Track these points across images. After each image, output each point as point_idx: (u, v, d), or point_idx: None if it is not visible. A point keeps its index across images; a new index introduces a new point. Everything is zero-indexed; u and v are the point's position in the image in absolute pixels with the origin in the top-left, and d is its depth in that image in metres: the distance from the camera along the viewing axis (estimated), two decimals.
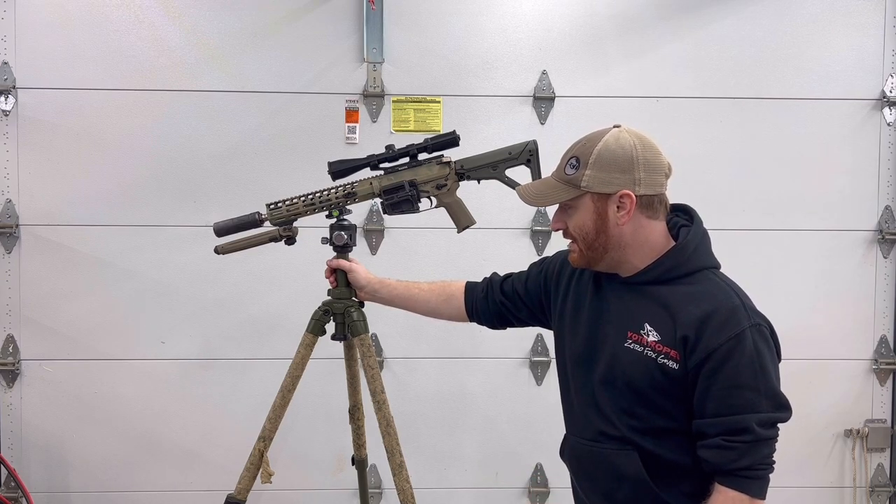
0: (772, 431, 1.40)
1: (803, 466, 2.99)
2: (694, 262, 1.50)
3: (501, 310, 1.81)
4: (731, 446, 1.38)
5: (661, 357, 1.44)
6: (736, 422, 1.38)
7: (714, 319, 1.40)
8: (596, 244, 1.48)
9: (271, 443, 1.96)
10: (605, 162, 1.45)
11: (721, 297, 1.44)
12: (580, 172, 1.46)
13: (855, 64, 2.92)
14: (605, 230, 1.47)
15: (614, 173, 1.45)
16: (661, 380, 1.44)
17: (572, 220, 1.51)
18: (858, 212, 2.95)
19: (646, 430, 1.48)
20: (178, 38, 2.82)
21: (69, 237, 2.83)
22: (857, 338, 2.98)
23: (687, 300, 1.44)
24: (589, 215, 1.48)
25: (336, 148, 2.83)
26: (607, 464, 1.53)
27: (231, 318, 2.87)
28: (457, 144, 1.93)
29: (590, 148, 1.47)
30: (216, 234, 1.96)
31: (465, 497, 2.96)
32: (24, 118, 2.80)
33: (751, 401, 1.38)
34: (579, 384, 1.59)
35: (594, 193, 1.46)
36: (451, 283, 1.93)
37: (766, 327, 1.44)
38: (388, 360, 2.91)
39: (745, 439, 1.37)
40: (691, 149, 2.90)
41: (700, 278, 1.48)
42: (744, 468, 1.38)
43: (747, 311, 1.43)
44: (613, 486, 1.53)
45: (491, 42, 2.88)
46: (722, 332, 1.39)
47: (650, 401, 1.47)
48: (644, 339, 1.47)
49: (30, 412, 2.87)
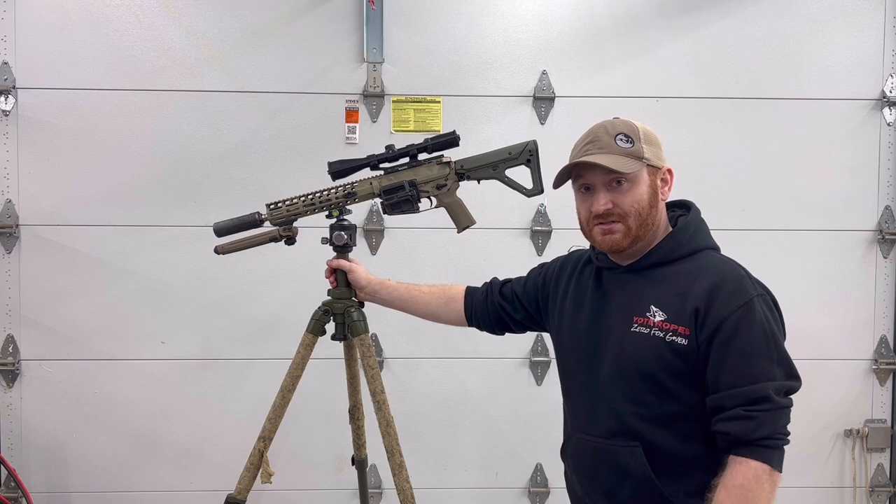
0: (787, 400, 1.40)
1: (803, 466, 2.99)
2: (695, 242, 1.53)
3: (499, 312, 1.81)
4: (752, 415, 1.36)
5: (669, 335, 1.44)
6: (754, 391, 1.37)
7: (723, 289, 1.41)
8: (648, 219, 1.50)
9: (271, 443, 1.96)
10: (651, 138, 1.51)
11: (725, 268, 1.46)
12: (638, 145, 1.48)
13: (855, 64, 2.92)
14: (655, 204, 1.51)
15: (658, 149, 1.52)
16: (671, 358, 1.44)
17: (628, 196, 1.48)
18: (858, 212, 2.95)
19: (654, 419, 1.46)
20: (178, 38, 2.82)
21: (69, 237, 2.83)
22: (857, 338, 2.98)
23: (694, 275, 1.46)
24: (646, 188, 1.49)
25: (336, 148, 2.83)
26: (611, 461, 1.51)
27: (231, 318, 2.87)
28: (457, 144, 1.93)
29: (630, 126, 1.51)
30: (216, 234, 1.96)
31: (465, 497, 2.96)
32: (24, 118, 2.80)
33: (766, 369, 1.38)
34: (583, 380, 1.57)
35: (650, 167, 1.50)
36: (451, 286, 1.93)
37: (770, 298, 1.46)
38: (388, 360, 2.91)
39: (764, 408, 1.36)
40: (691, 149, 2.90)
41: (702, 256, 1.51)
42: (765, 437, 1.36)
43: (752, 281, 1.45)
44: (616, 484, 1.51)
45: (491, 42, 2.88)
46: (731, 301, 1.40)
47: (659, 384, 1.45)
48: (650, 320, 1.46)
49: (30, 412, 2.87)
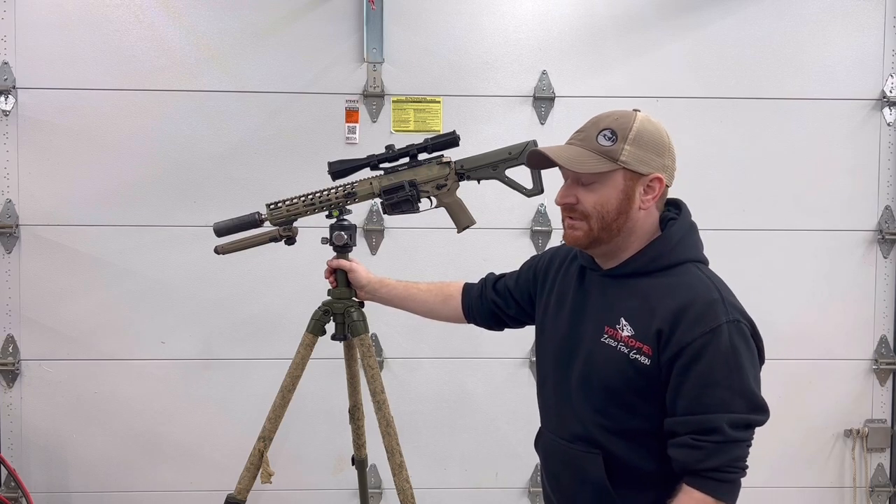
0: (744, 433, 1.34)
1: (803, 466, 3.00)
2: (676, 254, 1.43)
3: (494, 308, 1.80)
4: (700, 446, 1.32)
5: (633, 353, 1.38)
6: (707, 420, 1.31)
7: (690, 312, 1.33)
8: (613, 225, 1.41)
9: (271, 443, 1.96)
10: (644, 140, 1.39)
11: (700, 289, 1.37)
12: (619, 146, 1.38)
13: (855, 64, 2.92)
14: (627, 211, 1.40)
15: (651, 154, 1.40)
16: (634, 377, 1.38)
17: (592, 196, 1.41)
18: (858, 212, 2.95)
19: (617, 432, 1.43)
20: (178, 38, 2.82)
21: (69, 237, 2.83)
22: (857, 338, 2.98)
23: (665, 292, 1.38)
24: (616, 193, 1.39)
25: (336, 148, 2.83)
26: (574, 466, 1.49)
27: (231, 318, 2.87)
28: (457, 144, 1.93)
29: (626, 123, 1.40)
30: (216, 234, 1.96)
31: (465, 497, 2.96)
32: (24, 118, 2.80)
33: (723, 400, 1.32)
34: (556, 381, 1.54)
35: (628, 171, 1.39)
36: (449, 283, 1.92)
37: (746, 325, 1.36)
38: (388, 360, 2.91)
39: (714, 439, 1.31)
40: (691, 149, 2.90)
41: (682, 271, 1.41)
42: (711, 469, 1.32)
43: (726, 306, 1.35)
44: (577, 488, 1.50)
45: (491, 42, 2.88)
46: (696, 326, 1.32)
47: (623, 399, 1.41)
48: (619, 333, 1.41)
49: (30, 412, 2.87)
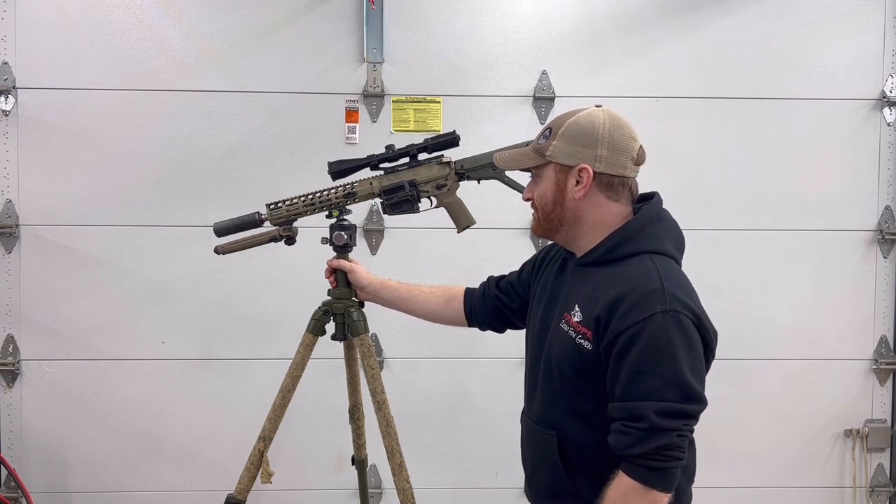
0: (673, 422, 1.34)
1: (803, 466, 3.00)
2: (634, 245, 1.46)
3: (497, 305, 1.82)
4: (628, 432, 1.35)
5: (579, 337, 1.45)
6: (635, 407, 1.34)
7: (625, 301, 1.37)
8: (552, 215, 1.51)
9: (271, 443, 1.96)
10: (571, 134, 1.47)
11: (640, 279, 1.39)
12: (548, 142, 1.49)
13: (855, 64, 2.92)
14: (561, 202, 1.49)
15: (578, 147, 1.47)
16: (578, 360, 1.45)
17: (536, 189, 1.54)
18: (858, 212, 2.95)
19: (571, 412, 1.49)
20: (178, 38, 2.82)
21: (69, 237, 2.83)
22: (857, 338, 2.98)
23: (612, 282, 1.43)
24: (550, 185, 1.50)
25: (336, 148, 2.83)
26: (534, 445, 1.57)
27: (231, 318, 2.87)
28: (457, 144, 1.93)
29: (563, 120, 1.50)
30: (216, 234, 1.96)
31: (465, 497, 2.96)
32: (24, 118, 2.80)
33: (653, 388, 1.34)
34: (531, 365, 1.63)
35: (557, 164, 1.48)
36: (451, 286, 1.93)
37: (686, 316, 1.36)
38: (388, 360, 2.91)
39: (641, 426, 1.33)
40: (691, 149, 2.91)
41: (634, 262, 1.44)
42: (638, 455, 1.34)
43: (665, 295, 1.36)
44: (537, 465, 1.57)
45: (491, 42, 2.88)
46: (630, 315, 1.36)
47: (572, 381, 1.47)
48: (571, 319, 1.48)
49: (30, 412, 2.87)
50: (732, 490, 2.97)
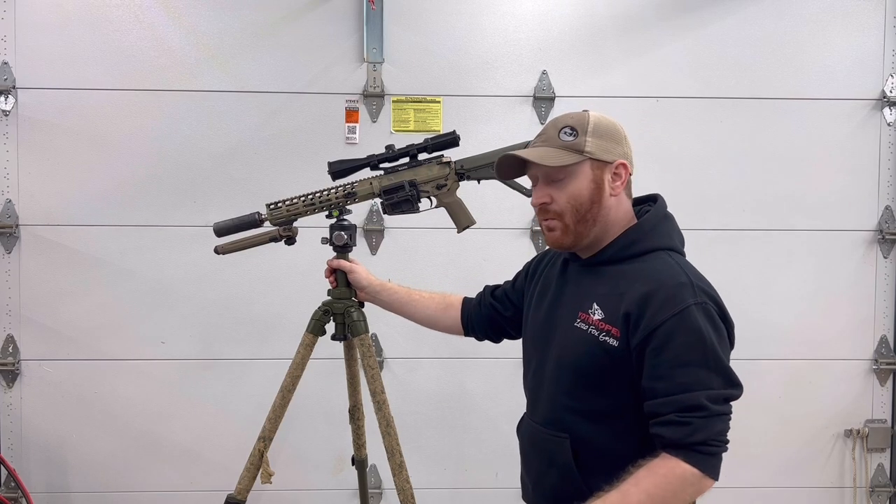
0: (725, 407, 1.38)
1: (803, 466, 3.00)
2: (650, 242, 1.48)
3: (492, 314, 1.81)
4: (687, 421, 1.35)
5: (603, 335, 1.44)
6: (688, 399, 1.35)
7: (658, 296, 1.38)
8: (588, 215, 1.46)
9: (271, 443, 1.96)
10: (602, 130, 1.47)
11: (667, 273, 1.42)
12: (581, 139, 1.45)
13: (855, 64, 2.92)
14: (599, 200, 1.46)
15: (611, 143, 1.47)
16: (603, 358, 1.43)
17: (565, 191, 1.46)
18: (858, 212, 2.95)
19: (585, 413, 1.47)
20: (178, 38, 2.82)
21: (69, 237, 2.83)
22: (857, 338, 2.98)
23: (635, 277, 1.43)
24: (586, 183, 1.46)
25: (336, 148, 2.83)
26: (542, 448, 1.55)
27: (231, 318, 2.87)
28: (457, 144, 1.93)
29: (582, 119, 1.48)
30: (216, 234, 1.96)
31: (465, 497, 2.96)
32: (24, 118, 2.80)
33: (700, 378, 1.36)
34: (535, 368, 1.60)
35: (595, 160, 1.45)
36: (450, 294, 1.93)
37: (713, 308, 1.40)
38: (388, 360, 2.91)
39: (699, 415, 1.35)
40: (691, 149, 2.91)
41: (652, 258, 1.46)
42: (699, 442, 1.35)
43: (694, 288, 1.40)
44: (545, 470, 1.55)
45: (491, 42, 2.88)
46: (665, 309, 1.37)
47: (591, 380, 1.46)
48: (591, 318, 1.46)
49: (30, 412, 2.87)
50: (732, 490, 2.97)
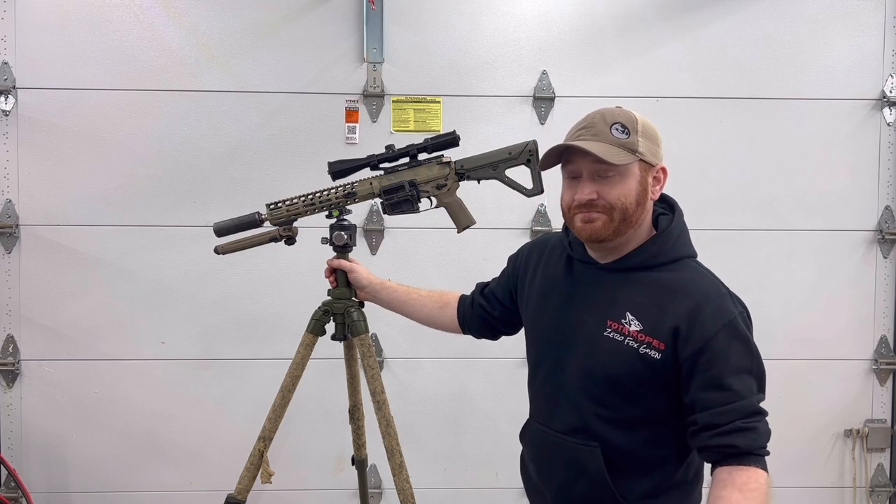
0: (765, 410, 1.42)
1: (803, 466, 3.00)
2: (677, 250, 1.49)
3: (482, 313, 1.81)
4: (752, 427, 1.37)
5: (644, 347, 1.42)
6: (748, 406, 1.38)
7: (706, 309, 1.40)
8: (633, 216, 1.44)
9: (271, 443, 1.96)
10: (649, 133, 1.46)
11: (708, 286, 1.45)
12: (633, 138, 1.42)
13: (855, 64, 2.92)
14: (644, 202, 1.45)
15: (655, 145, 1.46)
16: (643, 370, 1.42)
17: (615, 189, 1.42)
18: (858, 212, 2.95)
19: (616, 421, 1.46)
20: (178, 38, 2.82)
21: (69, 237, 2.83)
22: (857, 338, 2.98)
23: (674, 288, 1.43)
24: (635, 184, 1.43)
25: (336, 148, 2.83)
26: (569, 457, 1.51)
27: (231, 318, 2.87)
28: (457, 144, 1.93)
29: (630, 117, 1.45)
30: (216, 234, 1.95)
31: (465, 497, 2.96)
32: (24, 118, 2.80)
33: (751, 384, 1.39)
34: (549, 372, 1.55)
35: (643, 162, 1.44)
36: (448, 292, 1.92)
37: (747, 314, 1.46)
38: (388, 360, 2.91)
39: (758, 420, 1.38)
40: (691, 149, 2.91)
41: (682, 266, 1.48)
42: (761, 447, 1.38)
43: (733, 299, 1.45)
44: (571, 480, 1.51)
45: (491, 42, 2.88)
46: (715, 321, 1.39)
47: (628, 391, 1.44)
48: (626, 328, 1.43)
49: (30, 412, 2.87)
50: None
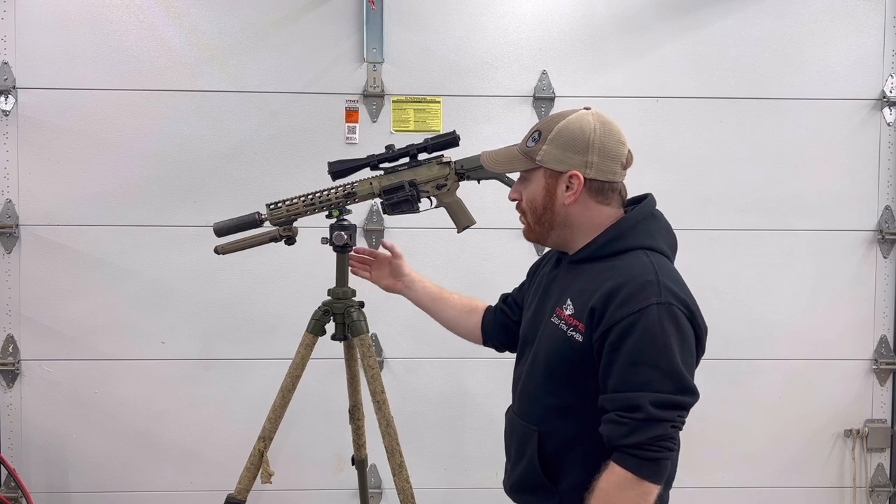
0: (668, 413, 1.35)
1: (803, 466, 3.00)
2: (628, 241, 1.47)
3: (503, 319, 1.81)
4: (623, 421, 1.35)
5: (570, 330, 1.45)
6: (630, 398, 1.35)
7: (621, 293, 1.38)
8: (543, 220, 1.51)
9: (271, 443, 1.96)
10: (562, 140, 1.46)
11: (635, 271, 1.41)
12: (538, 146, 1.48)
13: (855, 64, 2.92)
14: (551, 207, 1.49)
15: (569, 153, 1.46)
16: (570, 353, 1.45)
17: (527, 192, 1.53)
18: (858, 212, 2.95)
19: (555, 407, 1.50)
20: (178, 38, 2.82)
21: (69, 237, 2.83)
22: (857, 338, 2.98)
23: (606, 275, 1.43)
24: (540, 190, 1.50)
25: (336, 148, 2.83)
26: (518, 439, 1.58)
27: (231, 318, 2.87)
28: (457, 144, 1.93)
29: (552, 124, 1.48)
30: (216, 235, 1.96)
31: (465, 497, 2.96)
32: (24, 118, 2.80)
33: (648, 379, 1.35)
34: (519, 361, 1.64)
35: (547, 169, 1.48)
36: (477, 300, 1.91)
37: (679, 309, 1.38)
38: (388, 360, 2.91)
39: (636, 416, 1.34)
40: (691, 149, 2.91)
41: (630, 256, 1.46)
42: (632, 445, 1.34)
43: (661, 288, 1.38)
44: (517, 460, 1.58)
45: (491, 42, 2.88)
46: (626, 306, 1.37)
47: (559, 374, 1.48)
48: (563, 313, 1.48)
49: (30, 412, 2.87)
50: (732, 490, 2.97)
